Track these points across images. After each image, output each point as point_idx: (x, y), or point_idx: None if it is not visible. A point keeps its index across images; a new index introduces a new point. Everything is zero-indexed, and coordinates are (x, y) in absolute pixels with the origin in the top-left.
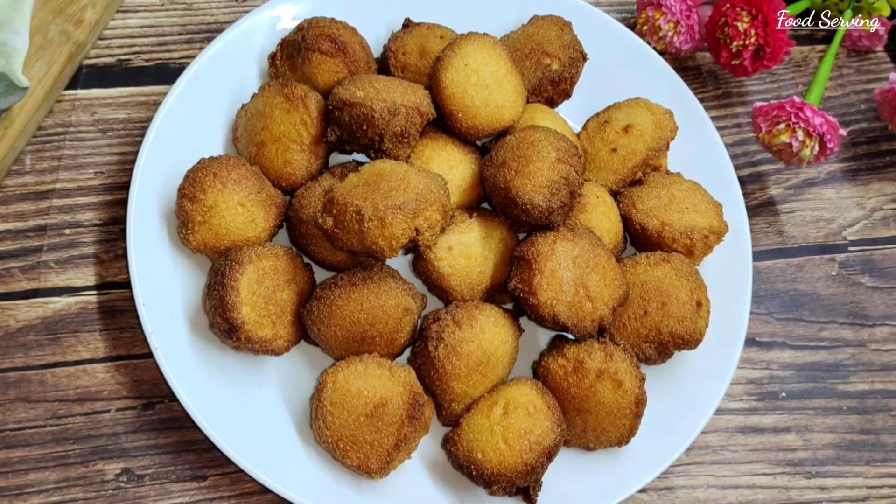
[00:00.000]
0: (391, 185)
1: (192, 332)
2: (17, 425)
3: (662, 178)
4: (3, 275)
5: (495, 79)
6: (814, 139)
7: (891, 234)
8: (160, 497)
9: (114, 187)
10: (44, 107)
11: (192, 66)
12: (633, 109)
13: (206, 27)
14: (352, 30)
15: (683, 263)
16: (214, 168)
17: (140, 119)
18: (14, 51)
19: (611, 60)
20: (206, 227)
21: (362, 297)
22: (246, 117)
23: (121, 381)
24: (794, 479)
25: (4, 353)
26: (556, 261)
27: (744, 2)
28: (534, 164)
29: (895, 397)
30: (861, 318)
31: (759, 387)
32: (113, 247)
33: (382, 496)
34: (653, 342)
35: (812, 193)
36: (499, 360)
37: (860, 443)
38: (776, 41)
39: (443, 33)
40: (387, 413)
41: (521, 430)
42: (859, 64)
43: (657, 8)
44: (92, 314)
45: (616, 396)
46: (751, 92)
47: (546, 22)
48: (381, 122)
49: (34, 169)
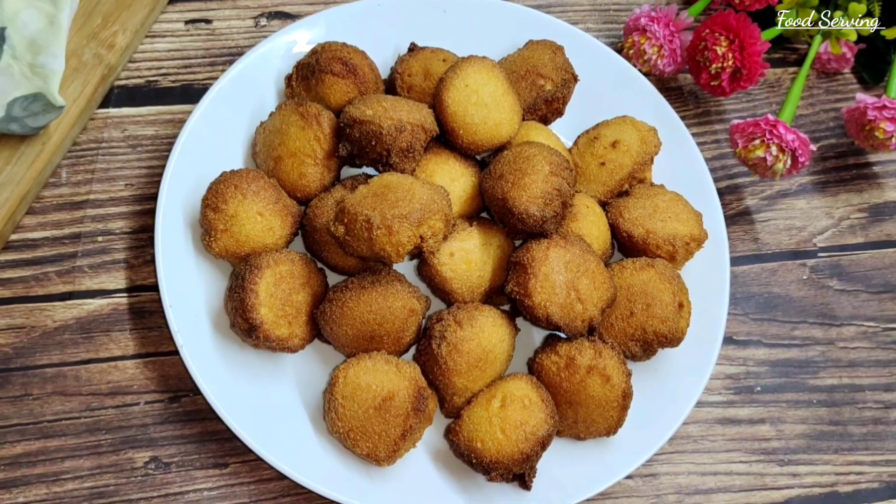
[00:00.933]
0: (398, 197)
1: (215, 331)
2: (54, 417)
3: (647, 189)
4: (41, 278)
5: (493, 98)
6: (786, 154)
7: (857, 241)
8: (185, 483)
9: (143, 198)
10: (78, 124)
11: (215, 86)
12: (620, 126)
13: (227, 51)
14: (361, 53)
15: (666, 268)
16: (235, 180)
17: (167, 135)
18: (51, 72)
19: (600, 81)
20: (228, 235)
21: (371, 299)
22: (264, 134)
23: (149, 376)
24: (769, 467)
25: (42, 351)
26: (549, 266)
27: (722, 28)
28: (529, 176)
29: (861, 391)
30: (830, 318)
31: (736, 381)
32: (142, 253)
33: (390, 482)
34: (638, 340)
35: (785, 204)
36: (497, 357)
37: (829, 433)
38: (752, 64)
39: (445, 56)
40: (394, 405)
41: (518, 422)
42: (828, 85)
43: (642, 33)
44: (122, 315)
45: (604, 390)
46: (728, 110)
47: (540, 46)
48: (389, 138)
49: (69, 181)
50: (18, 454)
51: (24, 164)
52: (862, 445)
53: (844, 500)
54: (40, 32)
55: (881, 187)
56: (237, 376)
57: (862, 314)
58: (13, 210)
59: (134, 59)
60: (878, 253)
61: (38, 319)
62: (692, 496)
